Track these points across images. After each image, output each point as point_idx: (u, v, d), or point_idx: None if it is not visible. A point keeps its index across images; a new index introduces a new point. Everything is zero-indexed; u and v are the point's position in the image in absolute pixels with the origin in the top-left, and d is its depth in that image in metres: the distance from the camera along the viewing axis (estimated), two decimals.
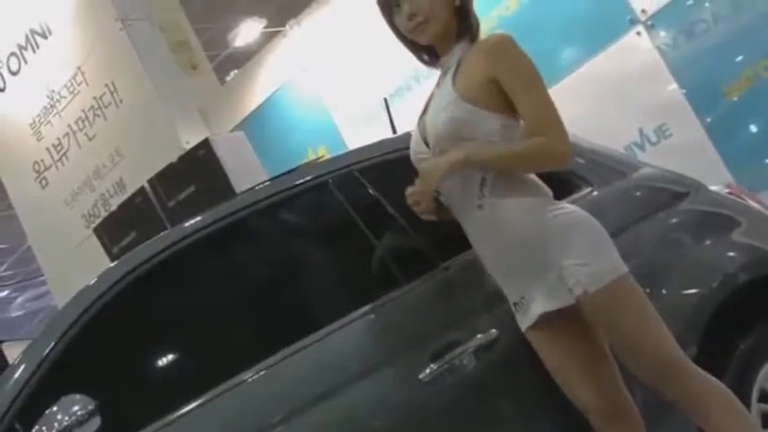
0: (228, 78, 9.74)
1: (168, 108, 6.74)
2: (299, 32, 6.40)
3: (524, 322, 2.54)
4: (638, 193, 3.16)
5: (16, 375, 2.58)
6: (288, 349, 2.61)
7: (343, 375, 2.57)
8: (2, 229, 13.41)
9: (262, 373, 2.58)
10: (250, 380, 2.57)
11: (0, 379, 2.65)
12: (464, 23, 2.59)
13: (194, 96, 6.95)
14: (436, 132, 2.54)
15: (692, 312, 2.79)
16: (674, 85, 4.68)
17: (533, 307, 2.50)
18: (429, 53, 2.68)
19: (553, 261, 2.44)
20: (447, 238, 2.64)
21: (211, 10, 9.66)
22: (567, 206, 2.55)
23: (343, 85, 6.14)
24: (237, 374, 2.58)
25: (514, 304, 2.56)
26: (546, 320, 2.49)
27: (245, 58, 8.47)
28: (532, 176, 2.57)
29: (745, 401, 2.64)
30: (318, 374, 2.59)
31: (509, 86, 2.46)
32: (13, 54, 7.55)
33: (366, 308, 2.71)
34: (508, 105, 2.49)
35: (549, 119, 2.47)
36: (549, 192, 2.56)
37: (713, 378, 2.46)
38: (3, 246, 14.48)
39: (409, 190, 2.50)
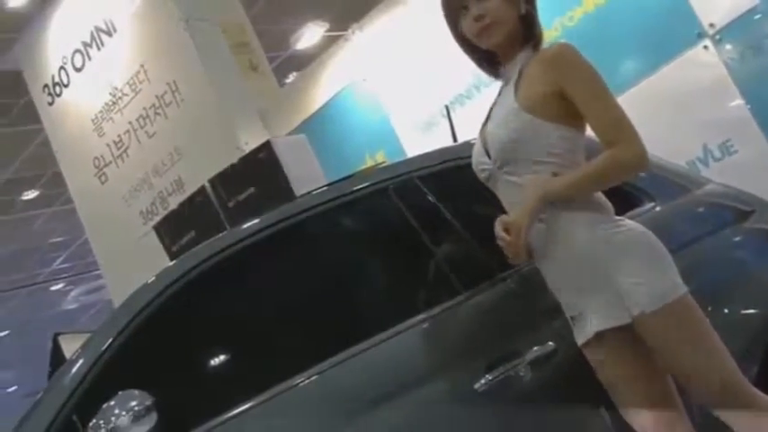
0: (288, 81, 9.80)
1: (228, 108, 6.75)
2: (361, 37, 6.40)
3: (580, 338, 2.51)
4: (701, 210, 3.12)
5: (74, 369, 2.62)
6: (343, 354, 2.61)
7: (397, 383, 2.57)
8: (60, 223, 13.62)
9: (315, 377, 2.58)
10: (303, 384, 2.58)
11: (58, 373, 2.69)
12: (528, 31, 2.57)
13: (254, 98, 6.95)
14: (496, 143, 2.52)
15: (754, 332, 2.75)
16: (740, 101, 4.58)
17: (589, 324, 2.46)
18: (491, 62, 2.67)
19: (610, 278, 2.40)
20: None
21: (273, 12, 9.71)
22: (626, 222, 2.50)
23: (404, 91, 6.13)
24: (291, 377, 2.58)
25: (572, 318, 2.53)
26: (602, 337, 2.45)
27: (305, 61, 8.50)
28: None
29: None
30: (372, 381, 2.59)
31: (575, 96, 2.43)
32: (77, 51, 7.65)
33: (422, 316, 2.70)
34: (569, 116, 2.46)
35: (619, 124, 2.43)
36: (611, 207, 2.53)
37: None
38: (60, 239, 14.67)
39: (498, 231, 2.46)
